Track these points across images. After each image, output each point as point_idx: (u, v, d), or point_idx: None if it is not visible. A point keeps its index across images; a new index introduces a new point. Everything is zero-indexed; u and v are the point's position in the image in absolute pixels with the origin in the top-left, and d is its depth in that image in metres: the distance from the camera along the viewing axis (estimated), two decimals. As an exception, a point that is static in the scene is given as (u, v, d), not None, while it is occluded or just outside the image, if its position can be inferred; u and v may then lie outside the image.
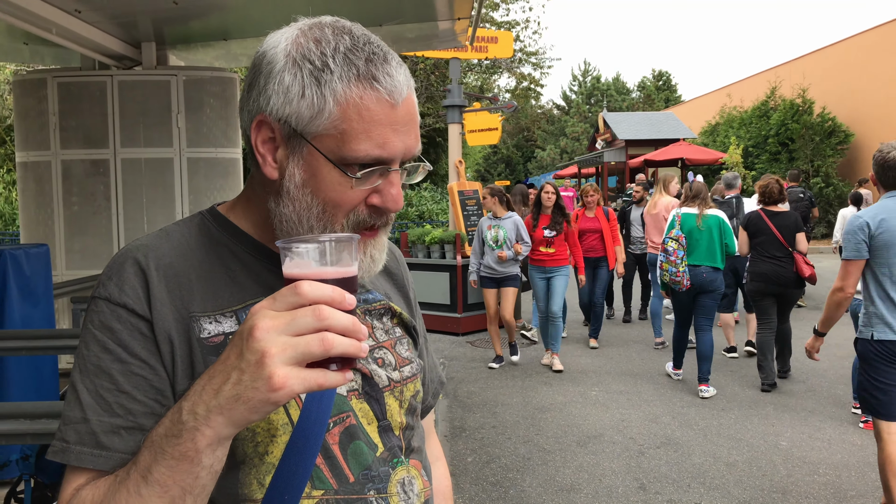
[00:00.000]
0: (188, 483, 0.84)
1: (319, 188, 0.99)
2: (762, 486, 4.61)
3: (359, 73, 0.95)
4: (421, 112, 20.60)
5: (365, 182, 0.98)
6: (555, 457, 5.18)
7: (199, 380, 0.85)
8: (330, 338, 0.77)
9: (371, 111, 0.95)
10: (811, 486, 4.61)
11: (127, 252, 1.04)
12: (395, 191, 1.00)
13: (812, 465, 4.96)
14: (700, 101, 33.02)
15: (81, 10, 5.16)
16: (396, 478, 1.10)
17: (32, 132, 6.30)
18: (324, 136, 0.96)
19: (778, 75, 25.17)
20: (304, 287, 0.79)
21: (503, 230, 7.40)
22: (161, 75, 6.23)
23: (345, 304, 0.80)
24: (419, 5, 5.71)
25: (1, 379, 4.31)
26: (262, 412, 0.81)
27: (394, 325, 1.21)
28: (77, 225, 6.24)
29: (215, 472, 0.86)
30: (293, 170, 1.00)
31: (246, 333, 0.79)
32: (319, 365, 0.80)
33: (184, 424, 0.82)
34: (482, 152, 43.43)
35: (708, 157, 22.40)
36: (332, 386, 0.81)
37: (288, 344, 0.77)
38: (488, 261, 7.46)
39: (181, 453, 0.83)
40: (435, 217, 16.15)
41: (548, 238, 7.59)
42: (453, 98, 10.61)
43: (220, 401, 0.80)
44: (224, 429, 0.82)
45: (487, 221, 7.61)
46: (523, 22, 23.41)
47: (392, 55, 1.00)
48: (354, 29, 1.00)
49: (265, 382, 0.77)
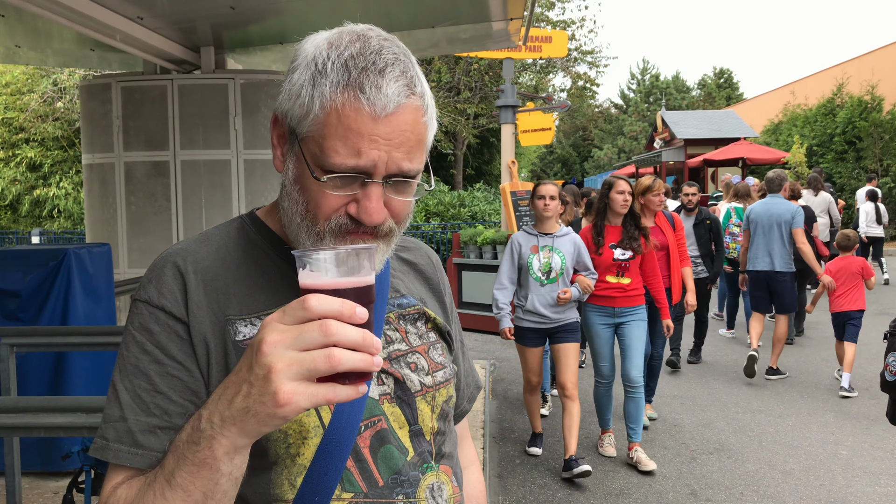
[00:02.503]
0: (209, 489, 0.86)
1: (305, 187, 0.99)
2: (819, 497, 4.48)
3: (349, 80, 0.94)
4: (475, 112, 20.73)
5: (336, 188, 0.97)
6: (604, 461, 5.12)
7: (218, 388, 0.87)
8: (336, 354, 0.76)
9: (349, 119, 0.94)
10: (871, 497, 4.45)
11: (167, 256, 1.07)
12: (370, 204, 0.96)
13: (873, 475, 4.79)
14: (762, 98, 32.17)
15: (144, 16, 5.33)
16: (426, 483, 1.10)
17: (97, 135, 6.52)
18: (308, 137, 0.97)
19: (845, 71, 24.33)
20: (311, 301, 0.78)
21: (560, 255, 4.78)
22: (219, 79, 6.38)
23: (354, 318, 0.78)
24: (472, 6, 5.72)
25: (66, 373, 4.49)
26: (272, 425, 0.82)
27: (428, 330, 1.20)
28: (138, 224, 6.44)
29: (235, 479, 0.88)
30: (289, 166, 1.02)
31: (255, 347, 0.80)
32: (332, 378, 0.79)
33: (202, 432, 0.85)
34: (537, 152, 43.18)
35: (770, 157, 21.79)
36: (343, 401, 0.80)
37: (294, 360, 0.77)
38: (534, 303, 4.78)
39: (201, 460, 0.85)
40: (487, 218, 16.12)
41: (620, 263, 5.01)
42: (506, 98, 10.59)
43: (233, 412, 0.82)
44: (238, 439, 0.83)
45: (528, 238, 4.90)
46: (579, 21, 23.04)
47: (394, 68, 0.96)
48: (373, 39, 0.98)
49: (271, 398, 0.78)
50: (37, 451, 4.44)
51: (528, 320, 4.85)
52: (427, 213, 16.43)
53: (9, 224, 19.69)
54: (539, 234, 4.87)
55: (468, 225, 14.98)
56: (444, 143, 21.65)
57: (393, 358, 1.12)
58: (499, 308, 4.86)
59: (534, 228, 4.93)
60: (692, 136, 26.09)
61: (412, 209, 1.07)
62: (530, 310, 4.82)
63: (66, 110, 17.99)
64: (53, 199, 18.65)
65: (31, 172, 18.89)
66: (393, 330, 1.14)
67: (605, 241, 5.03)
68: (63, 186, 18.54)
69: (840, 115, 21.74)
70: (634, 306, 5.05)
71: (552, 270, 4.77)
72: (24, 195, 18.95)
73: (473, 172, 26.22)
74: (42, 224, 19.18)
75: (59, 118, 18.25)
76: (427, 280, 1.29)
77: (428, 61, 18.84)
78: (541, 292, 4.79)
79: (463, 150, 23.17)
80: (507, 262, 4.89)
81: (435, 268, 1.33)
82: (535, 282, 4.80)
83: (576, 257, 4.86)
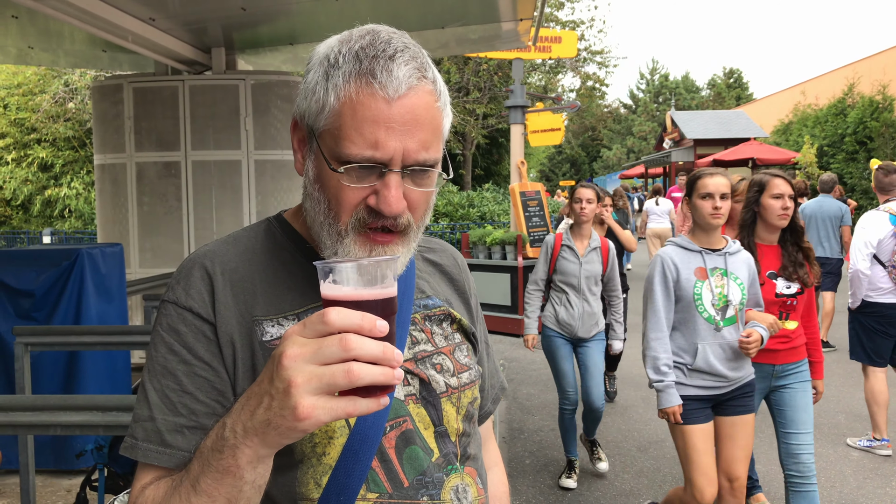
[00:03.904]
0: (233, 495, 0.87)
1: (325, 184, 1.00)
2: (831, 498, 4.46)
3: (360, 69, 0.94)
4: (483, 113, 20.72)
5: (354, 180, 0.97)
6: (614, 461, 5.12)
7: (242, 397, 0.87)
8: (356, 369, 0.76)
9: (364, 107, 0.94)
10: (883, 499, 4.44)
11: (195, 258, 1.09)
12: (389, 193, 0.96)
13: (885, 477, 4.77)
14: (773, 98, 32.05)
15: (155, 18, 5.36)
16: (450, 485, 1.10)
17: (109, 135, 6.57)
18: (325, 131, 0.98)
19: (856, 71, 24.22)
20: (331, 315, 0.77)
21: (738, 282, 3.24)
22: (230, 79, 6.41)
23: (374, 332, 0.78)
24: (482, 7, 5.74)
25: (78, 372, 4.52)
26: (293, 438, 0.82)
27: (453, 331, 1.20)
28: (150, 225, 6.49)
29: (259, 487, 0.89)
30: (309, 166, 1.03)
31: (276, 359, 0.80)
32: (353, 390, 0.78)
33: (225, 441, 0.86)
34: (546, 152, 43.19)
35: (780, 157, 21.70)
36: (363, 414, 0.80)
37: (314, 374, 0.77)
38: (707, 357, 3.17)
39: (224, 468, 0.86)
40: (496, 218, 16.14)
41: (786, 299, 3.53)
42: (516, 98, 10.59)
43: (255, 423, 0.83)
44: (260, 449, 0.84)
45: (688, 256, 3.26)
46: (589, 21, 23.06)
47: (404, 54, 0.96)
48: (382, 32, 0.99)
49: (291, 412, 0.78)
50: (50, 449, 4.47)
51: (696, 385, 3.19)
52: (436, 213, 16.45)
53: (20, 224, 19.82)
54: (704, 250, 3.23)
55: (477, 225, 15.00)
56: (453, 144, 21.67)
57: (418, 359, 1.12)
58: (661, 376, 3.16)
59: (691, 241, 3.27)
60: (702, 137, 26.04)
61: (432, 202, 1.06)
62: (701, 368, 3.17)
63: (78, 111, 18.11)
64: (64, 199, 18.77)
65: (43, 172, 19.02)
66: (419, 331, 1.14)
67: (762, 269, 3.46)
68: (74, 186, 18.66)
69: (851, 116, 21.64)
70: (798, 361, 3.55)
71: (729, 305, 3.18)
72: (35, 195, 19.08)
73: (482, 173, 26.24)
74: (53, 224, 19.30)
75: (71, 119, 18.38)
76: (452, 281, 1.29)
77: (437, 62, 18.85)
78: (716, 339, 3.18)
79: (472, 151, 23.19)
80: (659, 291, 3.23)
81: (460, 269, 1.33)
82: (707, 324, 3.17)
83: (751, 285, 3.30)
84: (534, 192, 10.35)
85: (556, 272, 4.65)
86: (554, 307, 4.69)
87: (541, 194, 10.34)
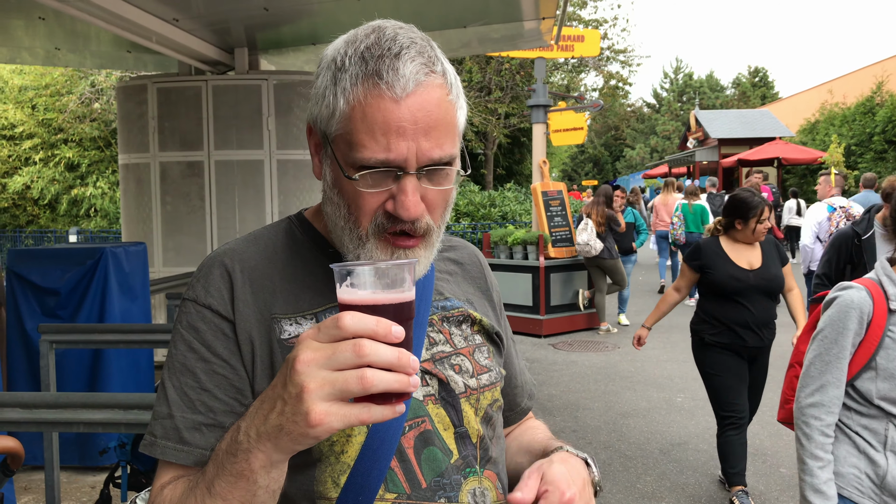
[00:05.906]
0: (247, 499, 0.87)
1: (342, 190, 0.99)
2: None
3: (366, 70, 0.93)
4: (506, 112, 20.67)
5: (370, 185, 0.95)
6: (636, 463, 5.07)
7: (256, 401, 0.86)
8: (369, 376, 0.75)
9: (373, 109, 0.92)
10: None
11: (215, 256, 1.09)
12: (406, 198, 0.94)
13: None
14: (799, 97, 31.65)
15: (179, 18, 5.41)
16: (467, 487, 1.08)
17: (133, 135, 6.63)
18: (337, 136, 0.97)
19: (885, 69, 23.83)
20: (345, 320, 0.76)
21: None
22: (252, 79, 6.44)
23: (389, 338, 0.76)
24: (504, 6, 5.72)
25: (102, 370, 4.56)
26: (305, 444, 0.81)
27: (473, 333, 1.18)
28: (173, 224, 6.54)
29: (273, 492, 0.88)
30: (326, 171, 1.02)
31: (290, 363, 0.79)
32: (368, 397, 0.77)
33: (239, 444, 0.85)
34: (568, 151, 42.99)
35: (806, 157, 21.44)
36: (377, 421, 0.78)
37: (327, 380, 0.76)
38: None
39: (238, 472, 0.85)
40: (518, 218, 16.07)
41: None
42: (538, 98, 10.54)
43: (268, 428, 0.81)
44: (274, 454, 0.83)
45: None
46: (612, 19, 22.92)
47: (410, 50, 0.94)
48: (388, 29, 0.97)
49: (303, 418, 0.77)
50: (74, 446, 4.52)
51: None
52: (458, 213, 16.43)
53: (47, 223, 20.10)
54: None
55: (499, 225, 14.96)
56: (474, 143, 21.63)
57: (437, 359, 1.10)
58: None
59: None
60: (726, 136, 25.79)
61: (452, 200, 1.04)
62: None
63: (103, 111, 18.32)
64: (90, 198, 18.98)
65: (69, 172, 19.25)
66: (437, 332, 1.12)
67: None
68: (100, 186, 18.87)
69: (879, 114, 21.29)
70: None
71: None
72: (62, 194, 19.33)
73: (504, 172, 26.16)
74: (79, 223, 19.54)
75: (97, 119, 18.59)
76: (474, 280, 1.28)
77: (459, 61, 18.86)
78: None
79: (493, 150, 23.12)
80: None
81: (482, 267, 1.31)
82: None
83: None
84: (556, 191, 10.29)
85: (880, 372, 2.10)
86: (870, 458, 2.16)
87: (563, 194, 10.28)
